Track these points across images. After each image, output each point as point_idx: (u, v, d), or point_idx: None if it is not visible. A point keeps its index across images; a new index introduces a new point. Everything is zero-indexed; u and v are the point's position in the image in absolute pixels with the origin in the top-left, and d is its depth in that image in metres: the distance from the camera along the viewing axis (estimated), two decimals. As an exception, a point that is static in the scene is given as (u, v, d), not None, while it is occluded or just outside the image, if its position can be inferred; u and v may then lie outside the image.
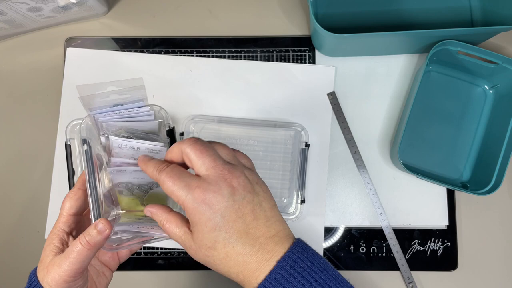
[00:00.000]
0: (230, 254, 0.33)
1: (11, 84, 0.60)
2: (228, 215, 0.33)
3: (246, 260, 0.33)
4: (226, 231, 0.33)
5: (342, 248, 0.57)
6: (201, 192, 0.32)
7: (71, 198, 0.40)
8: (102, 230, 0.36)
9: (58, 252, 0.37)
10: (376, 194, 0.57)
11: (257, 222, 0.34)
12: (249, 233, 0.33)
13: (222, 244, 0.33)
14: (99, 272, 0.43)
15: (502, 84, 0.57)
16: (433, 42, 0.54)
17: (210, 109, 0.58)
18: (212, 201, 0.32)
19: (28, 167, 0.59)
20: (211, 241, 0.33)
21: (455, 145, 0.58)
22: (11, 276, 0.57)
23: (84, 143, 0.41)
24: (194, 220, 0.33)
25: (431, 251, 0.57)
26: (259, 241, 0.33)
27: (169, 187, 0.33)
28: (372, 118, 0.59)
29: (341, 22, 0.60)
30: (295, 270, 0.33)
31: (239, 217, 0.33)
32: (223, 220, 0.32)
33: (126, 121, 0.43)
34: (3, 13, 0.53)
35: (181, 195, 0.33)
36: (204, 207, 0.32)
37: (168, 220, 0.35)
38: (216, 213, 0.32)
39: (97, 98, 0.41)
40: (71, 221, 0.39)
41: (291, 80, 0.59)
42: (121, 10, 0.62)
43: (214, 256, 0.33)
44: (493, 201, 0.58)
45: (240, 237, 0.33)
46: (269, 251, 0.33)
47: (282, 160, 0.57)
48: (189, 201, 0.32)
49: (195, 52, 0.60)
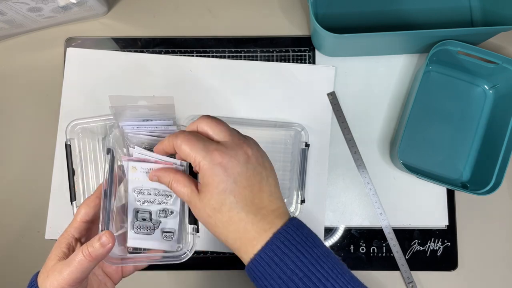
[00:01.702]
0: (233, 219, 0.34)
1: (11, 84, 0.60)
2: (240, 181, 0.34)
3: (246, 228, 0.34)
4: (234, 195, 0.34)
5: (342, 248, 0.57)
6: (219, 154, 0.34)
7: (87, 205, 0.40)
8: (105, 243, 0.36)
9: (62, 257, 0.37)
10: (376, 194, 0.57)
11: (262, 194, 0.35)
12: (254, 203, 0.35)
13: (228, 207, 0.34)
14: (101, 282, 0.43)
15: (502, 84, 0.57)
16: (433, 42, 0.54)
17: (210, 109, 0.58)
18: (228, 165, 0.34)
19: (28, 167, 0.59)
20: (218, 202, 0.34)
21: (455, 145, 0.58)
22: (11, 276, 0.57)
23: (108, 152, 0.41)
24: (207, 181, 0.34)
25: (431, 251, 0.57)
26: (262, 212, 0.35)
27: (186, 148, 0.34)
28: (372, 118, 0.59)
29: (341, 22, 0.60)
30: (290, 242, 0.34)
31: (248, 185, 0.35)
32: (234, 184, 0.34)
33: (151, 136, 0.43)
34: (3, 13, 0.53)
35: (199, 156, 0.34)
36: (219, 169, 0.34)
37: (176, 180, 0.37)
38: (230, 176, 0.34)
39: (128, 110, 0.41)
40: (83, 227, 0.40)
41: (291, 80, 0.59)
42: (121, 10, 0.62)
43: (217, 218, 0.34)
44: (493, 201, 0.58)
45: (245, 205, 0.34)
46: (269, 222, 0.35)
47: (282, 160, 0.57)
48: (207, 162, 0.34)
49: (195, 52, 0.60)
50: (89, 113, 0.56)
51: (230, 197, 0.34)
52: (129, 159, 0.41)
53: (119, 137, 0.43)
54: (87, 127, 0.56)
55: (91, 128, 0.56)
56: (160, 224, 0.42)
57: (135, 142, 0.43)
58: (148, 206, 0.42)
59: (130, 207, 0.42)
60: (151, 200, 0.42)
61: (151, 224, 0.42)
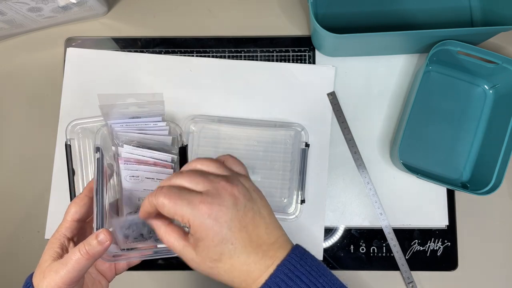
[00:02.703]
0: (235, 265, 0.33)
1: (11, 84, 0.60)
2: (234, 225, 0.32)
3: (250, 269, 0.33)
4: (232, 242, 0.32)
5: (342, 248, 0.57)
6: (205, 206, 0.32)
7: (77, 204, 0.40)
8: (102, 241, 0.36)
9: (57, 258, 0.37)
10: (376, 194, 0.57)
11: (258, 230, 0.34)
12: (252, 242, 0.33)
13: (228, 255, 0.32)
14: (95, 280, 0.42)
15: (502, 84, 0.57)
16: (433, 42, 0.54)
17: (210, 109, 0.58)
18: (218, 214, 0.32)
19: (28, 167, 0.59)
20: (217, 254, 0.32)
21: (455, 145, 0.58)
22: (11, 276, 0.57)
23: (97, 151, 0.41)
24: (201, 236, 0.32)
25: (431, 251, 0.57)
26: (262, 248, 0.33)
27: (171, 208, 0.32)
28: (372, 118, 0.59)
29: (341, 22, 0.60)
30: (294, 274, 0.33)
31: (243, 226, 0.33)
32: (229, 232, 0.32)
33: (141, 133, 0.43)
34: (3, 13, 0.53)
35: (185, 213, 0.32)
36: (211, 221, 0.32)
37: (167, 233, 0.35)
38: (223, 226, 0.32)
39: (116, 108, 0.41)
40: (74, 227, 0.39)
41: (291, 80, 0.59)
42: (121, 10, 0.62)
43: (219, 268, 0.33)
44: (493, 201, 0.58)
45: (244, 247, 0.33)
46: (271, 257, 0.33)
47: (282, 160, 0.57)
48: (195, 217, 0.32)
49: (195, 52, 0.60)
50: (89, 113, 0.56)
51: (228, 245, 0.32)
52: (126, 160, 0.41)
53: (107, 136, 0.43)
54: (87, 127, 0.56)
55: (91, 128, 0.56)
56: (153, 236, 0.42)
57: (124, 140, 0.43)
58: (138, 230, 0.42)
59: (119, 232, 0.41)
60: (140, 232, 0.42)
61: (143, 239, 0.42)
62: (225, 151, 0.57)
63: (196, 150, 0.57)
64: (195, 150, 0.57)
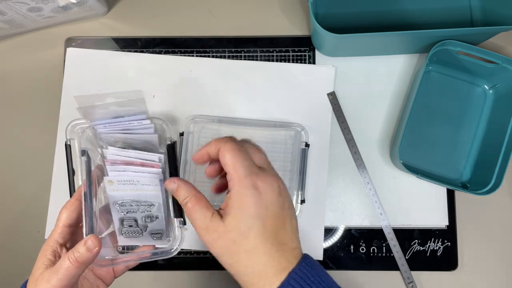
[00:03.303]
0: (259, 248, 0.33)
1: (11, 84, 0.60)
2: (271, 209, 0.33)
3: (268, 262, 0.33)
4: (264, 222, 0.33)
5: (342, 248, 0.57)
6: (259, 178, 0.33)
7: (67, 209, 0.39)
8: (91, 247, 0.35)
9: (49, 265, 0.36)
10: (376, 194, 0.57)
11: (285, 230, 0.34)
12: (278, 236, 0.34)
13: (255, 233, 0.33)
14: (93, 285, 0.42)
15: (502, 84, 0.57)
16: (433, 42, 0.54)
17: (210, 109, 0.58)
18: (265, 190, 0.33)
19: (28, 167, 0.59)
20: (247, 226, 0.33)
21: (455, 145, 0.58)
22: (11, 276, 0.57)
23: (83, 154, 0.40)
24: (238, 202, 0.33)
25: (431, 251, 0.57)
26: (283, 248, 0.34)
27: (231, 160, 0.33)
28: (372, 118, 0.59)
29: (341, 22, 0.60)
30: (306, 282, 0.33)
31: (276, 217, 0.34)
32: (266, 211, 0.33)
33: (125, 133, 0.42)
34: (3, 13, 0.53)
35: (241, 172, 0.33)
36: (255, 192, 0.33)
37: (198, 198, 0.35)
38: (263, 202, 0.33)
39: (97, 109, 0.40)
40: (66, 232, 0.39)
41: (291, 80, 0.59)
42: (121, 10, 0.62)
43: (242, 244, 0.33)
44: (493, 201, 0.58)
45: (271, 236, 0.33)
46: (288, 260, 0.34)
47: (282, 160, 0.57)
48: (246, 182, 0.33)
49: (195, 52, 0.60)
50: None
51: (259, 222, 0.33)
52: (112, 162, 0.40)
53: (92, 138, 0.43)
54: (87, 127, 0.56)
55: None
56: (148, 228, 0.42)
57: (109, 141, 0.42)
58: (132, 214, 0.41)
59: (114, 216, 0.41)
60: (134, 210, 0.41)
61: (138, 229, 0.42)
62: (225, 151, 0.57)
63: (196, 150, 0.57)
64: (195, 150, 0.57)
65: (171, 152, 0.44)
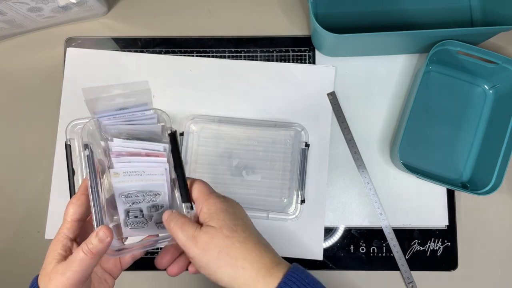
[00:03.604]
0: (250, 239, 0.36)
1: (11, 84, 0.60)
2: (243, 213, 0.39)
3: (262, 256, 0.36)
4: (244, 220, 0.38)
5: (342, 248, 0.57)
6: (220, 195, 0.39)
7: (74, 204, 0.39)
8: (102, 238, 0.36)
9: (60, 260, 0.36)
10: (376, 194, 0.57)
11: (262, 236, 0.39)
12: (259, 236, 0.38)
13: (242, 228, 0.36)
14: (101, 279, 0.42)
15: (502, 84, 0.57)
16: (433, 42, 0.54)
17: (210, 109, 0.58)
18: (230, 199, 0.39)
19: (28, 167, 0.59)
20: (233, 223, 0.36)
21: (455, 145, 0.58)
22: (11, 276, 0.57)
23: (86, 148, 0.40)
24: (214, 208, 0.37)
25: (431, 251, 0.57)
26: (269, 248, 0.37)
27: (196, 188, 0.39)
28: (372, 118, 0.59)
29: (341, 22, 0.60)
30: (301, 284, 0.35)
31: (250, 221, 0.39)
32: (241, 212, 0.38)
33: (129, 125, 0.43)
34: (3, 13, 0.53)
35: (207, 193, 0.39)
36: (224, 199, 0.38)
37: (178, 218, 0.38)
38: (235, 205, 0.39)
39: (102, 101, 0.41)
40: (75, 227, 0.39)
41: (291, 80, 0.59)
42: (121, 10, 0.62)
43: (234, 237, 0.36)
44: (493, 201, 0.58)
45: (255, 231, 0.38)
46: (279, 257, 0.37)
47: (282, 160, 0.57)
48: (212, 195, 0.39)
49: (195, 52, 0.60)
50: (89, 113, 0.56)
51: (240, 220, 0.37)
52: (117, 154, 0.40)
53: (94, 132, 0.43)
54: (87, 127, 0.56)
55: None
56: (153, 218, 0.42)
57: (114, 133, 0.43)
58: (138, 205, 0.42)
59: (120, 208, 0.41)
60: (139, 200, 0.41)
61: (143, 219, 0.42)
62: (225, 151, 0.57)
63: (196, 150, 0.57)
64: (195, 150, 0.57)
65: (173, 140, 0.44)
